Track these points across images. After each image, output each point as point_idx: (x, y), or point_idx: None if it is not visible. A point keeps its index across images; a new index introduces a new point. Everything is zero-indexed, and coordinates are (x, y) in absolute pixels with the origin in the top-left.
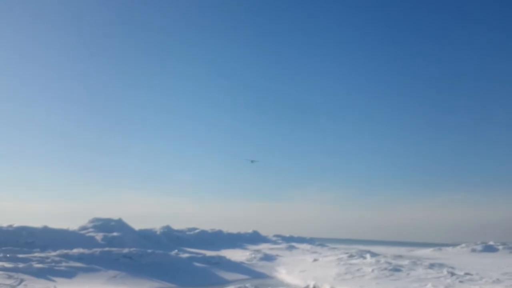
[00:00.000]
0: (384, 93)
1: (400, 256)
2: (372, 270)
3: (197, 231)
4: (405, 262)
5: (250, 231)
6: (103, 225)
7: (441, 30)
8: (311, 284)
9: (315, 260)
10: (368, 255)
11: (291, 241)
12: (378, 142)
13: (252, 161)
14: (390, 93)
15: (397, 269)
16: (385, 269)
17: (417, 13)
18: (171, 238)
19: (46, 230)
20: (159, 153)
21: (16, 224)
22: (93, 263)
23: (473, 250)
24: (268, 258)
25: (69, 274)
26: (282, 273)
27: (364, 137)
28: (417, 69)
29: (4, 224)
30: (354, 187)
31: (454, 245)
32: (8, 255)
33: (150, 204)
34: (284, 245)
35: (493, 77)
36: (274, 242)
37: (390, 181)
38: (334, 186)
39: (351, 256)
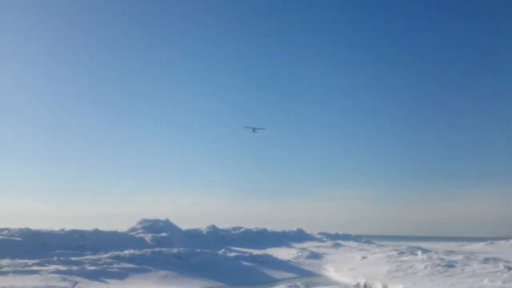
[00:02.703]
0: (424, 87)
1: (452, 252)
2: (425, 267)
3: (242, 230)
4: (458, 257)
5: (294, 229)
6: (152, 226)
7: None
8: (362, 282)
9: (363, 257)
10: (419, 252)
11: (336, 238)
12: (420, 133)
13: (254, 130)
14: (430, 87)
15: (450, 265)
16: (438, 265)
17: (423, 9)
18: (217, 237)
19: (97, 233)
20: (198, 153)
21: (68, 227)
22: (144, 264)
23: None
24: (314, 256)
25: (121, 275)
26: (331, 271)
27: (405, 129)
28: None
29: (57, 228)
30: (397, 182)
31: (506, 238)
32: (61, 258)
33: (194, 204)
34: (329, 242)
35: None
36: (320, 240)
37: (434, 173)
38: (376, 181)
39: (401, 252)
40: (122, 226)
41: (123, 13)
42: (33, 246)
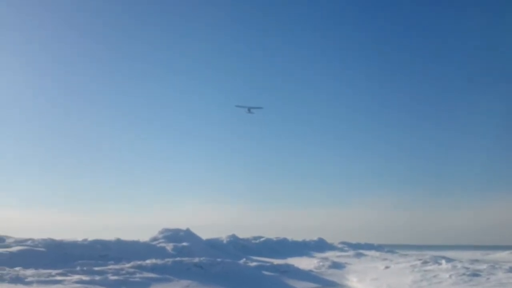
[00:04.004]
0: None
1: (476, 260)
2: (450, 276)
3: (262, 239)
4: (483, 266)
5: (315, 238)
6: (173, 235)
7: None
8: None
9: (386, 267)
10: (443, 261)
11: (358, 248)
12: (443, 140)
13: (249, 110)
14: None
15: (475, 274)
16: (463, 274)
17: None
18: (237, 246)
19: (119, 243)
20: (219, 162)
21: (91, 237)
22: (166, 273)
23: None
24: (336, 266)
25: (144, 285)
26: (353, 281)
27: (426, 136)
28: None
29: (79, 238)
30: (418, 190)
31: None
32: (84, 268)
33: (214, 213)
34: (351, 252)
35: None
36: (341, 250)
37: (455, 181)
38: (398, 190)
39: (425, 262)
40: (143, 235)
41: (122, 11)
42: (56, 256)
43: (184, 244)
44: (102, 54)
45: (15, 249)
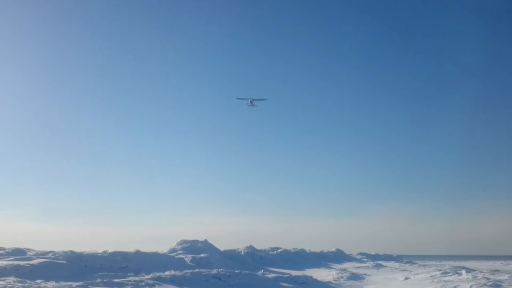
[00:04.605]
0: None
1: (497, 271)
2: (471, 287)
3: (279, 250)
4: (505, 276)
5: (333, 249)
6: (191, 246)
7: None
8: None
9: (406, 278)
10: (463, 271)
11: (377, 259)
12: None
13: (251, 102)
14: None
15: (497, 284)
16: (484, 285)
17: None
18: (255, 258)
19: (138, 254)
20: (235, 173)
21: (111, 249)
22: (185, 285)
23: None
24: (355, 277)
25: None
26: None
27: (444, 146)
28: None
29: (99, 250)
30: (437, 199)
31: None
32: (104, 280)
33: (231, 224)
34: (370, 263)
35: None
36: (359, 261)
37: (476, 189)
38: (416, 200)
39: (445, 272)
40: (162, 247)
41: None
42: (77, 269)
43: (202, 255)
44: (101, 50)
45: (36, 261)
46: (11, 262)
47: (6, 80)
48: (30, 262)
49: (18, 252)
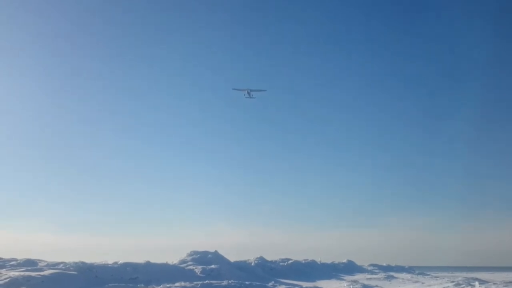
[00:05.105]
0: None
1: (511, 282)
2: None
3: (290, 261)
4: None
5: (344, 260)
6: (201, 258)
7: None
8: None
9: None
10: (476, 283)
11: (388, 270)
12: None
13: (249, 93)
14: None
15: None
16: None
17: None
18: (265, 269)
19: (148, 265)
20: (244, 183)
21: (121, 260)
22: None
23: None
24: None
25: None
26: None
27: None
28: None
29: (110, 261)
30: (449, 210)
31: None
32: None
33: (242, 235)
34: (381, 274)
35: None
36: (371, 272)
37: (487, 200)
38: (428, 210)
39: (457, 284)
40: (172, 258)
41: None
42: (87, 279)
43: (213, 266)
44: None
45: (47, 272)
46: (22, 273)
47: (21, 92)
48: (42, 273)
49: (30, 263)
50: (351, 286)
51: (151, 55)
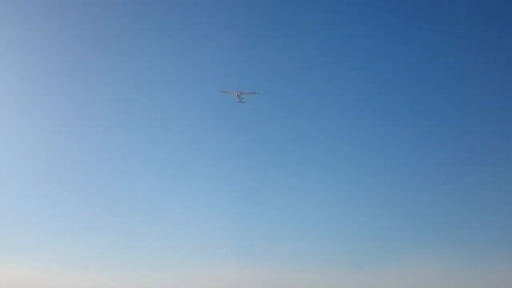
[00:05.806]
0: None
1: None
2: None
3: None
4: None
5: None
6: None
7: None
8: None
9: None
10: None
11: None
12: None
13: (239, 96)
14: None
15: None
16: None
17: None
18: None
19: None
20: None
21: None
22: None
23: None
24: None
25: None
26: None
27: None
28: None
29: None
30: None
31: None
32: None
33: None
34: None
35: None
36: None
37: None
38: (449, 248)
39: None
40: None
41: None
42: None
43: None
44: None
45: None
46: None
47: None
48: None
49: None
50: None
51: (138, 58)
